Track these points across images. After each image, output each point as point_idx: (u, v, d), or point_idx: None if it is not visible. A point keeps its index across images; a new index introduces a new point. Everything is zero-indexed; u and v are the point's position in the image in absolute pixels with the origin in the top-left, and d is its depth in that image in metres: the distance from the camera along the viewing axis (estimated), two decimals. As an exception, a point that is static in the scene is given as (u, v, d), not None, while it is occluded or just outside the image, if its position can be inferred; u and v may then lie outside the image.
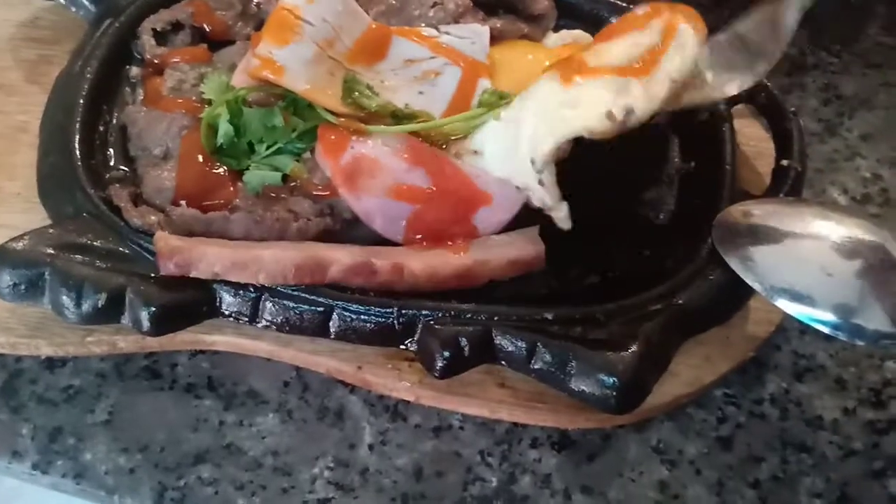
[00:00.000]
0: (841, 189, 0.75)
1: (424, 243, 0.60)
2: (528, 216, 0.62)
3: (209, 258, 0.55)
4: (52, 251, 0.57)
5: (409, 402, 0.60)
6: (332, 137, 0.61)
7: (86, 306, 0.56)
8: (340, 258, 0.56)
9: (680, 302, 0.58)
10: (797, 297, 0.55)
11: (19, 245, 0.57)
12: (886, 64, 0.86)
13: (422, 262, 0.58)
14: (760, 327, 0.62)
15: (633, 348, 0.55)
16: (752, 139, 0.71)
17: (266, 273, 0.55)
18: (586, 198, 0.65)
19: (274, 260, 0.55)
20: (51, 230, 0.59)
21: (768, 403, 0.63)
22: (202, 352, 0.62)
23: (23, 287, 0.57)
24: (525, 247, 0.61)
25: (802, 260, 0.57)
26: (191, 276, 0.56)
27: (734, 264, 0.58)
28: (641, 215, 0.66)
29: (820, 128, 0.79)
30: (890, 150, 0.78)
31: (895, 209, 0.74)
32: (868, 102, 0.82)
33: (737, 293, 0.60)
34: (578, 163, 0.65)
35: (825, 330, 0.55)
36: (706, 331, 0.60)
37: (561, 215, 0.60)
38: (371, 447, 0.60)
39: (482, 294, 0.59)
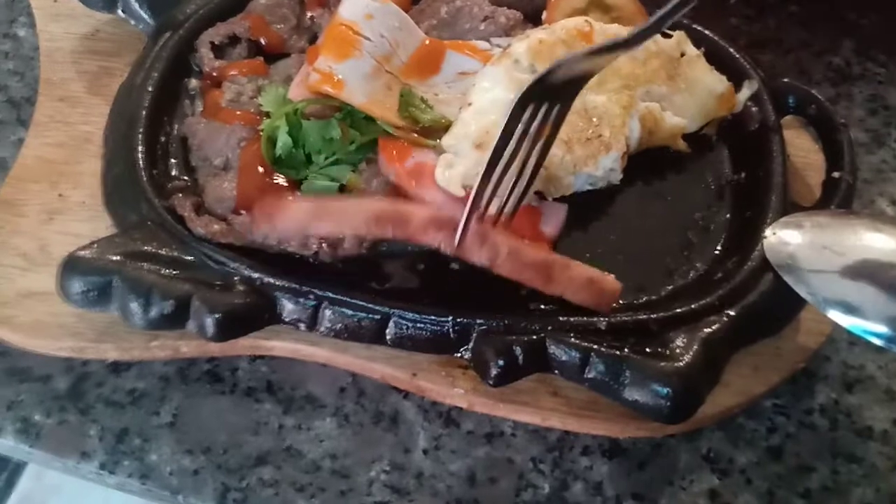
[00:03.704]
0: (889, 200, 0.75)
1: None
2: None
3: (294, 211, 0.56)
4: (120, 259, 0.59)
5: (462, 408, 0.61)
6: (392, 149, 0.63)
7: (153, 312, 0.58)
8: (423, 213, 0.57)
9: (732, 313, 0.59)
10: (849, 309, 0.56)
11: (88, 253, 0.59)
12: (934, 73, 0.86)
13: (508, 238, 0.58)
14: (811, 338, 0.63)
15: (687, 359, 0.56)
16: (802, 150, 0.71)
17: (349, 223, 0.56)
18: (638, 209, 0.67)
19: (357, 209, 0.56)
20: (117, 239, 0.61)
21: (818, 414, 0.63)
22: (261, 357, 0.64)
23: (92, 294, 0.59)
24: (606, 278, 0.60)
25: (854, 272, 0.57)
26: (278, 230, 0.58)
27: (786, 276, 0.58)
28: (693, 227, 0.67)
29: (867, 138, 0.79)
30: (938, 161, 0.78)
31: (944, 220, 0.74)
32: (916, 112, 0.82)
33: (788, 305, 0.60)
34: (630, 173, 0.66)
35: (878, 342, 0.55)
36: (757, 342, 0.61)
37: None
38: (425, 452, 0.61)
39: (531, 304, 0.61)
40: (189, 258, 0.61)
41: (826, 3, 0.89)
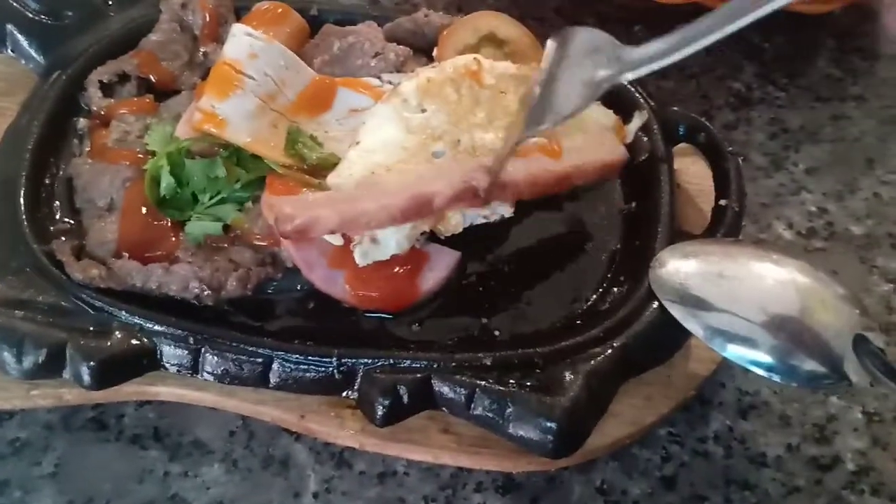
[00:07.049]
0: (786, 223, 0.76)
1: (370, 297, 0.61)
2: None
3: (322, 222, 0.56)
4: (-5, 307, 0.58)
5: (354, 448, 0.61)
6: (280, 187, 0.62)
7: (27, 362, 0.57)
8: (441, 190, 0.57)
9: (617, 344, 0.59)
10: (732, 338, 0.56)
11: (-38, 302, 0.58)
12: (834, 96, 0.87)
13: (524, 173, 0.61)
14: (702, 366, 0.63)
15: (571, 392, 0.56)
16: (697, 177, 0.71)
17: (377, 222, 0.57)
18: (531, 241, 0.67)
19: (380, 209, 0.57)
20: (-6, 286, 0.60)
21: (712, 441, 0.63)
22: (149, 402, 0.62)
23: (-35, 344, 0.57)
24: (612, 150, 0.66)
25: (737, 302, 0.57)
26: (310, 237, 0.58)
27: (669, 306, 0.59)
28: (584, 257, 0.67)
29: (766, 162, 0.80)
30: (835, 184, 0.79)
31: (840, 243, 0.75)
32: (815, 136, 0.83)
33: (675, 334, 0.60)
34: (524, 205, 0.66)
35: (760, 372, 0.55)
36: (646, 371, 0.61)
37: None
38: (316, 495, 0.60)
39: (422, 342, 0.60)
40: (66, 304, 0.59)
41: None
